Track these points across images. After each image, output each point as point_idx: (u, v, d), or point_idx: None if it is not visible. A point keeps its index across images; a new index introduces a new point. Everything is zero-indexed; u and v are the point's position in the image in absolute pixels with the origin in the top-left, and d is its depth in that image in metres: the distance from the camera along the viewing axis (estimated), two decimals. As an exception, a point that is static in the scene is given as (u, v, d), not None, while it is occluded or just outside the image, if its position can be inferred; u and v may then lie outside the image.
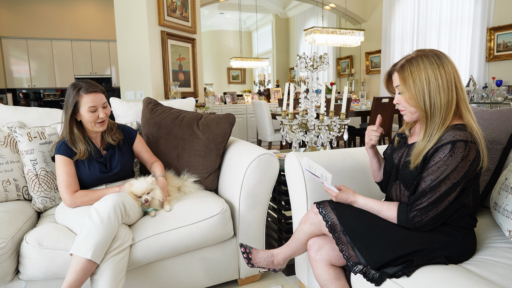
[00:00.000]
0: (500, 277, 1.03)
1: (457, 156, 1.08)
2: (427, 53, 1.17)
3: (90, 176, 1.69)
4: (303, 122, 2.26)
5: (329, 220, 1.24)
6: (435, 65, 1.14)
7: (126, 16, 4.11)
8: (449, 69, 1.14)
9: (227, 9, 9.39)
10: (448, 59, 1.16)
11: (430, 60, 1.15)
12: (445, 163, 1.10)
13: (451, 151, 1.09)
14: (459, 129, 1.13)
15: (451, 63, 1.16)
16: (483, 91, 4.81)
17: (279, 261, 1.44)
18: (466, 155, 1.09)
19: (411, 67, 1.16)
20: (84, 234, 1.36)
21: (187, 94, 4.76)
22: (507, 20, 4.72)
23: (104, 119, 1.67)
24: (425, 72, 1.14)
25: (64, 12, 7.70)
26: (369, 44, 7.41)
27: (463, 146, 1.09)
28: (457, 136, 1.10)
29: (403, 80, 1.18)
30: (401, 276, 1.09)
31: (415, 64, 1.16)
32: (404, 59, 1.20)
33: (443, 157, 1.10)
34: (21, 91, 7.68)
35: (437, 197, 1.11)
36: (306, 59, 2.24)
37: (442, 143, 1.11)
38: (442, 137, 1.13)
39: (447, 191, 1.10)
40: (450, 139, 1.10)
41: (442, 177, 1.10)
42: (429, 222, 1.14)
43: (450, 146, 1.09)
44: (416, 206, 1.14)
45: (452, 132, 1.12)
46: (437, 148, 1.12)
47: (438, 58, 1.15)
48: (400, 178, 1.27)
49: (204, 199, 1.79)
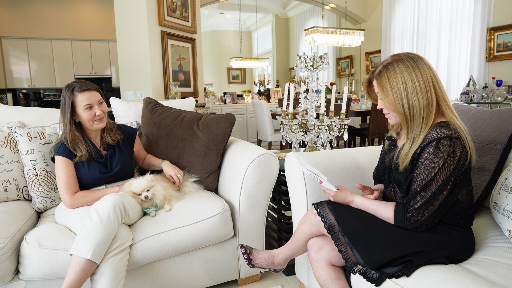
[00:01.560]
0: (500, 277, 1.03)
1: (443, 153, 1.10)
2: (402, 57, 1.19)
3: (90, 177, 1.69)
4: (303, 122, 2.26)
5: (328, 221, 1.24)
6: (410, 68, 1.16)
7: (126, 16, 4.11)
8: (425, 70, 1.16)
9: (227, 9, 9.39)
10: (423, 61, 1.18)
11: (405, 63, 1.17)
12: (432, 161, 1.11)
13: (436, 149, 1.11)
14: (442, 126, 1.14)
15: (427, 64, 1.18)
16: (483, 91, 4.81)
17: (279, 262, 1.44)
18: (452, 151, 1.10)
19: (388, 73, 1.19)
20: (84, 234, 1.37)
21: (187, 94, 4.76)
22: (507, 20, 4.72)
23: (101, 116, 1.67)
24: (401, 76, 1.16)
25: (64, 12, 7.69)
26: (369, 44, 7.41)
27: (448, 142, 1.10)
28: (440, 134, 1.12)
29: (381, 86, 1.21)
30: (400, 276, 1.09)
31: (391, 69, 1.18)
32: (381, 65, 1.23)
33: (429, 155, 1.12)
34: (21, 91, 7.68)
35: (430, 196, 1.12)
36: (306, 59, 2.24)
37: (427, 142, 1.13)
38: (427, 136, 1.15)
39: (438, 188, 1.11)
40: (434, 137, 1.12)
41: (432, 175, 1.11)
42: (425, 222, 1.15)
43: (435, 144, 1.11)
44: (411, 207, 1.15)
45: (436, 130, 1.13)
46: (423, 147, 1.14)
47: (413, 61, 1.17)
48: (392, 180, 1.29)
49: (204, 199, 1.79)
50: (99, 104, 1.67)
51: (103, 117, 1.69)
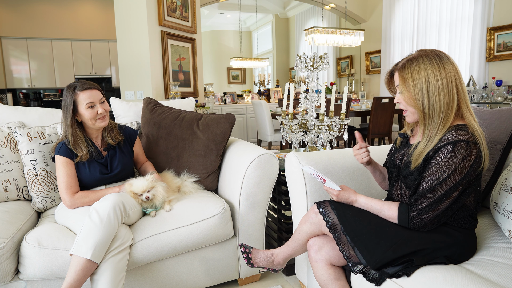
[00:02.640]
0: (500, 277, 1.03)
1: (458, 157, 1.08)
2: (428, 53, 1.16)
3: (90, 177, 1.69)
4: (303, 122, 2.26)
5: (330, 220, 1.24)
6: (435, 65, 1.14)
7: (126, 16, 4.11)
8: (450, 70, 1.14)
9: (227, 9, 9.39)
10: (449, 60, 1.16)
11: (431, 60, 1.14)
12: (446, 163, 1.10)
13: (452, 151, 1.09)
14: (461, 129, 1.12)
15: (453, 64, 1.15)
16: (483, 91, 4.81)
17: (279, 261, 1.44)
18: (467, 155, 1.08)
19: (412, 67, 1.16)
20: (84, 234, 1.36)
21: (187, 94, 4.76)
22: (507, 20, 4.72)
23: (104, 114, 1.68)
24: (425, 72, 1.14)
25: (64, 12, 7.69)
26: (369, 44, 7.41)
27: (465, 146, 1.09)
28: (458, 137, 1.10)
29: (403, 79, 1.18)
30: (401, 276, 1.09)
31: (416, 64, 1.16)
32: (406, 58, 1.20)
33: (444, 157, 1.10)
34: (21, 91, 7.68)
35: (438, 197, 1.11)
36: (306, 59, 2.24)
37: (443, 143, 1.11)
38: (443, 137, 1.13)
39: (448, 191, 1.10)
40: (451, 140, 1.10)
41: (443, 177, 1.10)
42: (429, 222, 1.14)
43: (451, 147, 1.09)
44: (417, 206, 1.14)
45: (454, 133, 1.11)
46: (438, 149, 1.12)
47: (439, 58, 1.15)
48: (401, 178, 1.27)
49: (204, 199, 1.79)
50: (101, 103, 1.67)
51: (105, 115, 1.69)
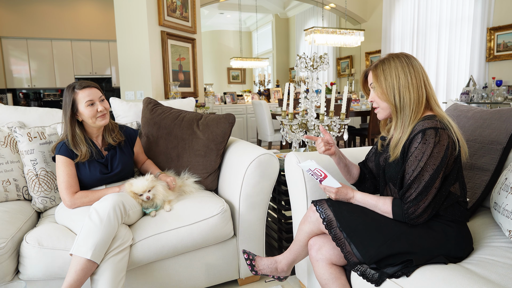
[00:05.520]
0: (500, 276, 1.03)
1: (430, 143, 1.15)
2: (398, 55, 1.29)
3: (91, 177, 1.69)
4: (303, 122, 2.26)
5: (326, 217, 1.27)
6: (404, 64, 1.25)
7: (126, 16, 4.11)
8: (418, 69, 1.25)
9: (227, 9, 9.39)
10: (416, 60, 1.27)
11: (400, 60, 1.26)
12: (420, 151, 1.17)
13: (423, 139, 1.16)
14: (429, 118, 1.21)
15: (419, 64, 1.27)
16: (483, 91, 4.80)
17: (282, 268, 1.44)
18: (438, 141, 1.15)
19: (383, 66, 1.27)
20: (84, 234, 1.37)
21: (187, 94, 4.76)
22: (507, 20, 4.72)
23: (104, 112, 1.68)
24: (395, 70, 1.25)
25: (64, 12, 7.69)
26: (369, 44, 7.41)
27: (434, 132, 1.16)
28: (426, 125, 1.18)
29: (375, 77, 1.29)
30: (400, 276, 1.10)
31: (387, 63, 1.27)
32: (378, 60, 1.32)
33: (417, 145, 1.17)
34: (21, 91, 7.68)
35: (424, 186, 1.16)
36: (306, 59, 2.24)
37: (414, 133, 1.20)
38: (414, 127, 1.21)
39: (430, 178, 1.16)
40: (420, 129, 1.18)
41: (422, 165, 1.16)
42: (423, 213, 1.18)
43: (421, 135, 1.17)
44: (407, 198, 1.19)
45: (422, 122, 1.20)
46: (411, 139, 1.20)
47: (407, 59, 1.26)
48: (387, 177, 1.33)
49: (204, 199, 1.79)
50: (100, 101, 1.68)
51: (105, 113, 1.69)
